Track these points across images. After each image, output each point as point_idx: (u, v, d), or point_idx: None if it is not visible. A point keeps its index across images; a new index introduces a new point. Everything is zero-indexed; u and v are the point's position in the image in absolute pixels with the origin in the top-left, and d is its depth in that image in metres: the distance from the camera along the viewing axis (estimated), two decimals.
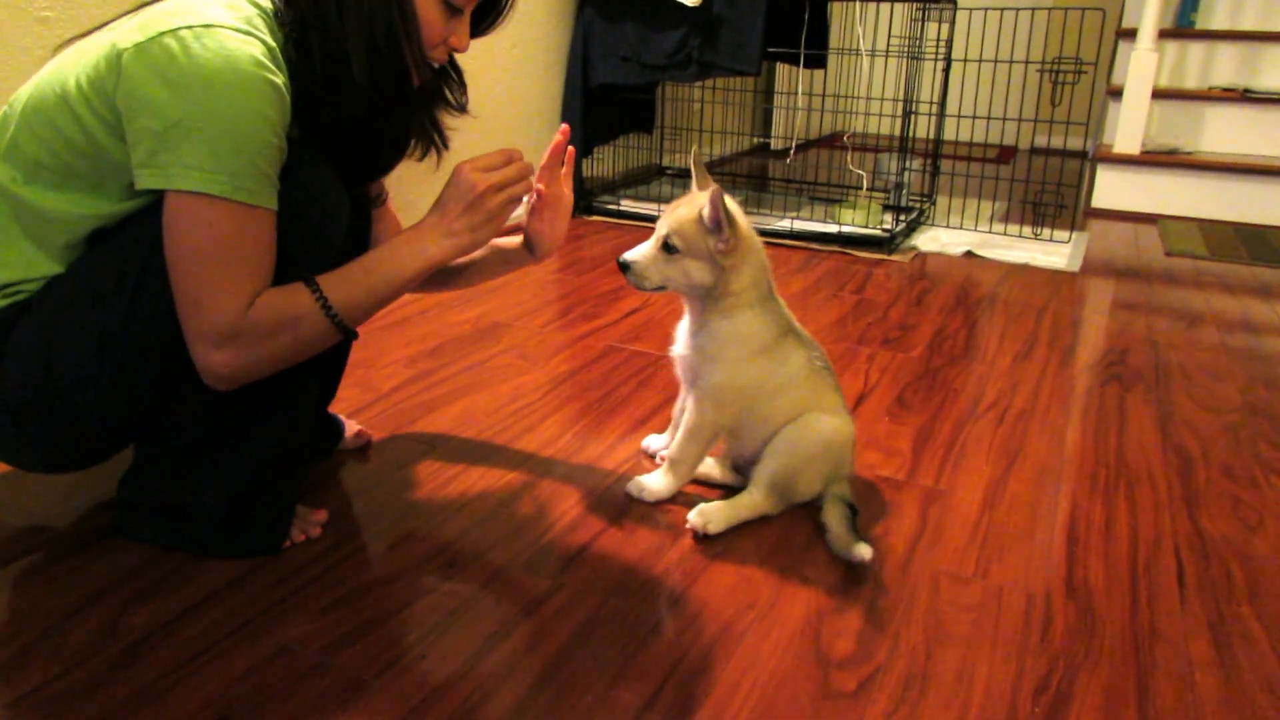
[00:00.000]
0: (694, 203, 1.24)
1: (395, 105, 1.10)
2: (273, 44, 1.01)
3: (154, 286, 1.02)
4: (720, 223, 1.21)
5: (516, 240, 1.35)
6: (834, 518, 1.25)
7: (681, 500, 1.34)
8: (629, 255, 1.27)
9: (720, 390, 1.28)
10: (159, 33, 0.96)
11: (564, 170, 1.31)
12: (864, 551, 1.17)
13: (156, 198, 1.01)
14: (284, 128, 1.01)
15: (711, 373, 1.28)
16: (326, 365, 1.31)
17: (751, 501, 1.29)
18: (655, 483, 1.33)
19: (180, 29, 0.95)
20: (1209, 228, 3.37)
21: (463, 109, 1.23)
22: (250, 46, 0.97)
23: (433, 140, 1.20)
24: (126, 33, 0.98)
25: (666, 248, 1.24)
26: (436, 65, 1.12)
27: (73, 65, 1.02)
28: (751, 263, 1.26)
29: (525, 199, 1.26)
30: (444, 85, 1.21)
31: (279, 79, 0.99)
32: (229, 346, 1.01)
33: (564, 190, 1.32)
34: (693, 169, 1.32)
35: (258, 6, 1.03)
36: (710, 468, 1.40)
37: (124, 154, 1.00)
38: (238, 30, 0.97)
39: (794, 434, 1.28)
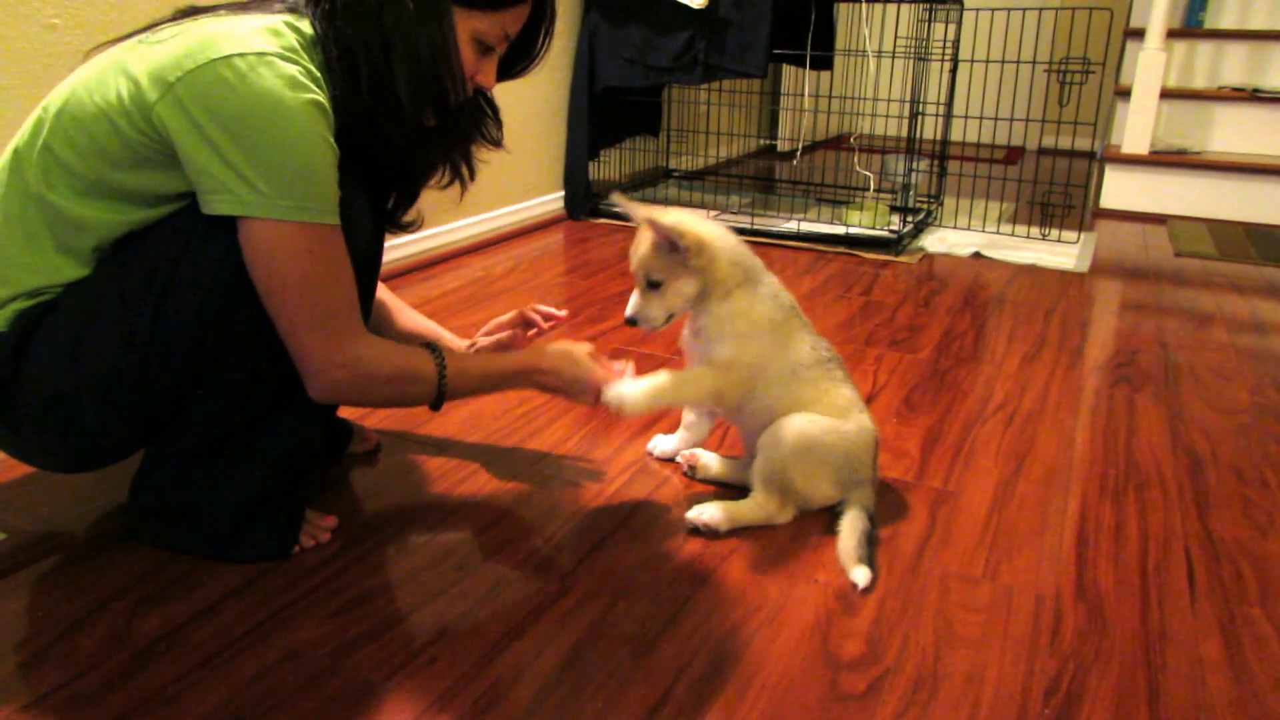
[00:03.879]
0: (640, 241, 1.28)
1: (432, 136, 1.14)
2: (316, 73, 1.03)
3: (181, 290, 1.04)
4: (672, 241, 1.23)
5: (463, 346, 1.50)
6: (846, 528, 1.25)
7: (690, 499, 1.34)
8: (630, 311, 1.30)
9: (728, 365, 1.29)
10: (210, 60, 0.96)
11: (536, 333, 1.50)
12: (860, 576, 1.17)
13: (185, 204, 1.03)
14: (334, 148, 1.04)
15: (719, 350, 1.29)
16: None
17: (754, 501, 1.29)
18: (631, 389, 1.28)
19: (232, 56, 0.96)
20: (1218, 228, 3.36)
21: (498, 144, 1.28)
22: (298, 74, 0.99)
23: (459, 172, 1.24)
24: (174, 54, 0.98)
25: (651, 285, 1.27)
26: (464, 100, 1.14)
27: (113, 75, 1.01)
28: (721, 249, 1.28)
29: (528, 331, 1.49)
30: (482, 121, 1.25)
31: (325, 101, 1.02)
32: (352, 382, 1.09)
33: (525, 343, 1.50)
34: (624, 209, 1.33)
35: (298, 33, 1.04)
36: (724, 468, 1.40)
37: (167, 169, 1.01)
38: (283, 58, 0.99)
39: (774, 430, 1.29)
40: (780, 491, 1.29)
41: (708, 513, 1.27)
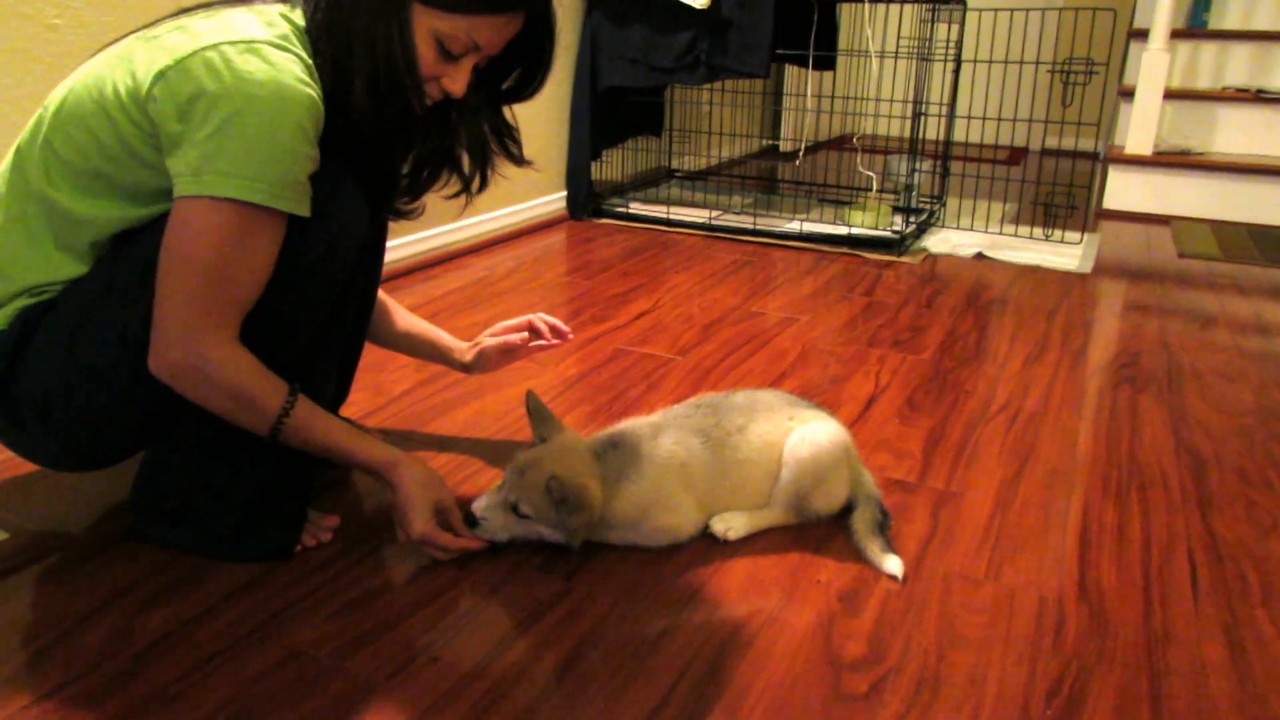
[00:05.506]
0: (543, 465, 1.14)
1: (399, 130, 1.12)
2: (308, 60, 1.03)
3: None
4: (569, 511, 1.12)
5: (465, 346, 1.49)
6: (860, 524, 1.25)
7: None
8: (478, 508, 1.18)
9: (672, 530, 1.22)
10: (200, 48, 0.97)
11: (542, 343, 1.47)
12: (893, 566, 1.19)
13: None
14: (317, 138, 1.03)
15: (640, 533, 1.21)
16: (339, 369, 1.32)
17: (772, 514, 1.28)
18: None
19: (222, 44, 0.97)
20: (1222, 229, 3.35)
21: (520, 161, 1.26)
22: (288, 61, 0.99)
23: (464, 178, 1.23)
24: (167, 45, 1.00)
25: (516, 512, 1.16)
26: (430, 101, 1.12)
27: (110, 71, 1.03)
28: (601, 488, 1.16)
29: (516, 336, 1.44)
30: (503, 139, 1.23)
31: (315, 91, 1.01)
32: (191, 373, 1.03)
33: (527, 351, 1.47)
34: (530, 418, 1.23)
35: (292, 24, 1.05)
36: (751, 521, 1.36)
37: (159, 162, 1.02)
38: (274, 45, 0.99)
39: (794, 466, 1.25)
40: (800, 514, 1.29)
41: (727, 522, 1.25)
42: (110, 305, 1.07)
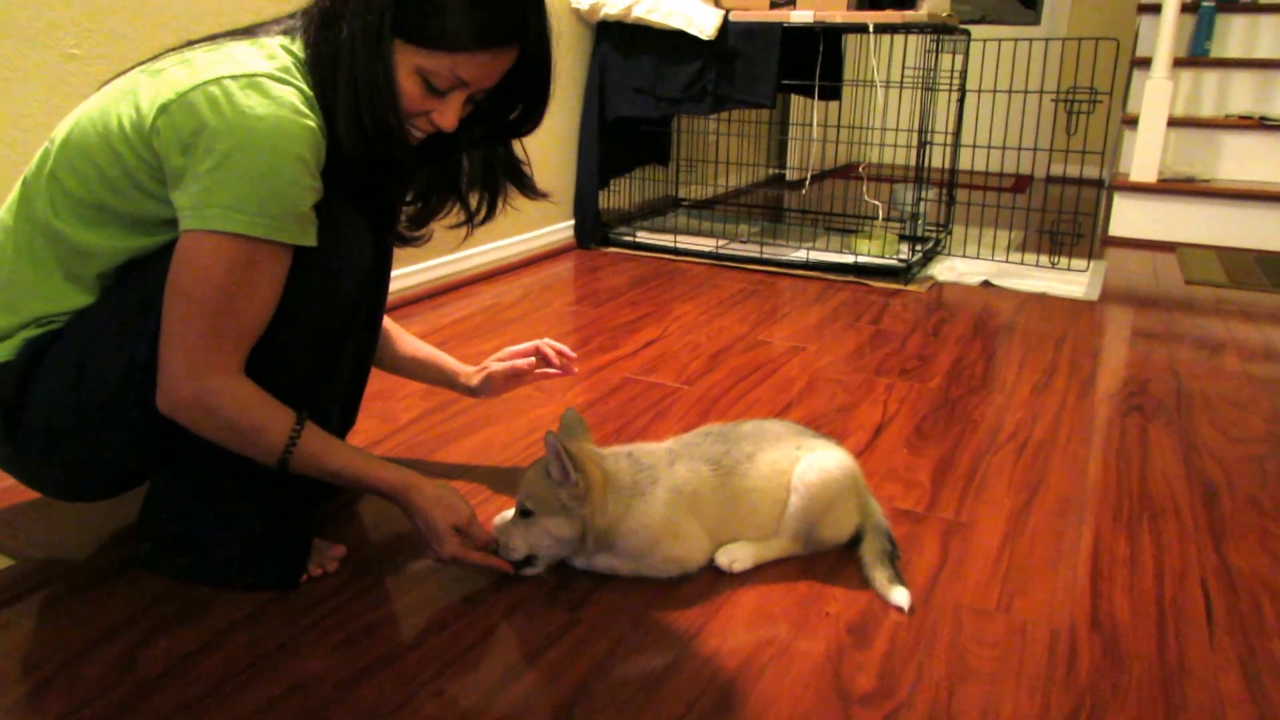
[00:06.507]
0: (542, 460, 1.17)
1: (392, 162, 1.11)
2: (308, 92, 1.04)
3: None
4: (566, 470, 1.13)
5: (471, 370, 1.48)
6: (869, 554, 1.24)
7: None
8: (494, 529, 1.21)
9: (682, 561, 1.22)
10: (202, 81, 0.98)
11: (549, 371, 1.48)
12: (900, 598, 1.18)
13: None
14: (319, 168, 1.04)
15: (650, 564, 1.21)
16: (345, 396, 1.32)
17: (779, 545, 1.27)
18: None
19: (223, 78, 0.99)
20: (1228, 256, 3.35)
21: (534, 193, 1.27)
22: (288, 93, 1.00)
23: (467, 208, 1.24)
24: (170, 79, 1.01)
25: (522, 512, 1.18)
26: (420, 135, 1.12)
27: (115, 103, 1.04)
28: (611, 492, 1.17)
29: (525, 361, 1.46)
30: (511, 171, 1.24)
31: (315, 122, 1.02)
32: (198, 409, 1.03)
33: (534, 377, 1.49)
34: (561, 428, 1.24)
35: (293, 55, 1.06)
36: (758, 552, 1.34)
37: (163, 194, 1.02)
38: (275, 78, 1.00)
39: (803, 497, 1.24)
40: (807, 543, 1.28)
41: (732, 555, 1.24)
42: (116, 336, 1.07)
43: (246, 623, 1.10)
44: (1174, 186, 3.55)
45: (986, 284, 2.88)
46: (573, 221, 3.21)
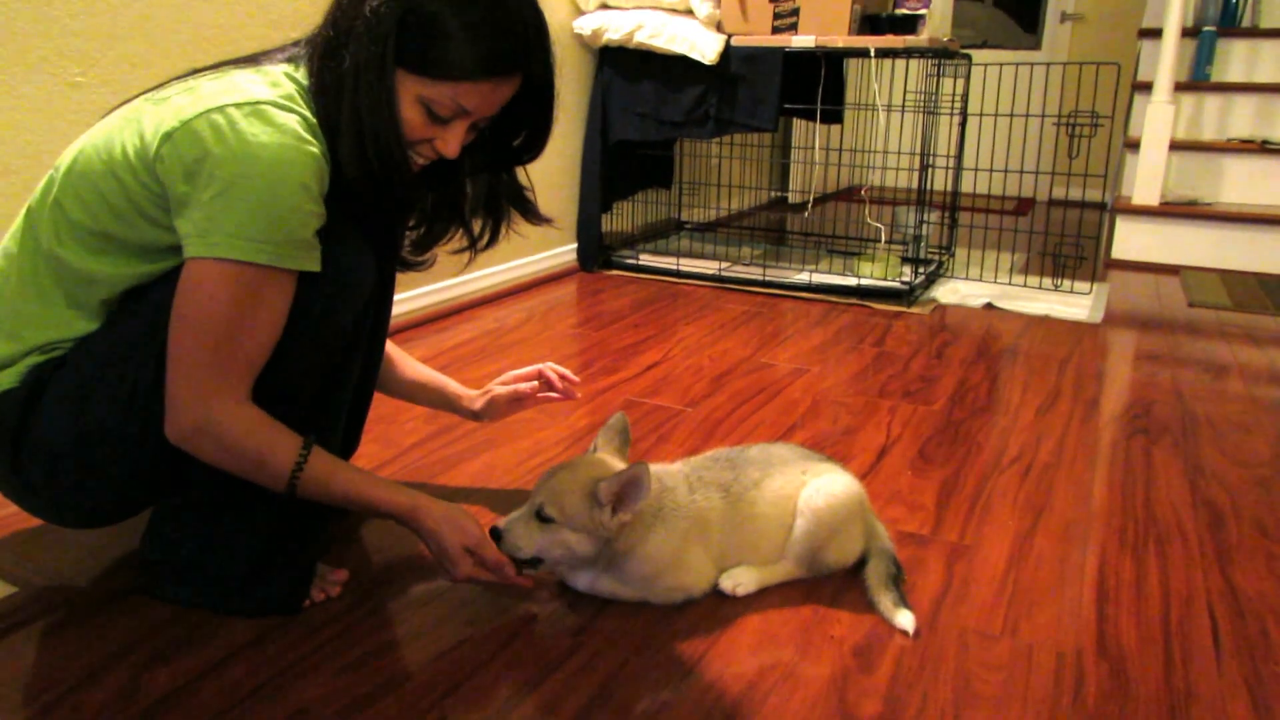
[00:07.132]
0: (577, 470, 1.16)
1: (395, 188, 1.11)
2: (311, 119, 1.05)
3: None
4: (626, 500, 1.12)
5: (474, 394, 1.49)
6: (873, 577, 1.24)
7: None
8: (502, 523, 1.17)
9: (687, 589, 1.22)
10: (206, 109, 0.99)
11: (552, 395, 1.49)
12: (905, 622, 1.17)
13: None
14: (322, 194, 1.04)
15: (655, 591, 1.20)
16: (348, 420, 1.32)
17: (784, 569, 1.27)
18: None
19: (227, 106, 0.99)
20: (1232, 278, 3.35)
21: (538, 219, 1.28)
22: (292, 121, 1.01)
23: (470, 233, 1.25)
24: (174, 107, 1.02)
25: (540, 517, 1.15)
26: (423, 162, 1.13)
27: (119, 131, 1.05)
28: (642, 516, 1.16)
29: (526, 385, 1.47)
30: (515, 198, 1.25)
31: (318, 149, 1.03)
32: (205, 437, 1.04)
33: (536, 401, 1.49)
34: (603, 430, 1.25)
35: (296, 83, 1.07)
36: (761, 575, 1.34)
37: (167, 221, 1.03)
38: (278, 106, 1.01)
39: (809, 520, 1.24)
40: (813, 567, 1.27)
41: (735, 579, 1.24)
42: (120, 363, 1.07)
43: (249, 648, 1.10)
44: (1176, 209, 3.56)
45: (990, 306, 2.88)
46: (575, 244, 3.22)
